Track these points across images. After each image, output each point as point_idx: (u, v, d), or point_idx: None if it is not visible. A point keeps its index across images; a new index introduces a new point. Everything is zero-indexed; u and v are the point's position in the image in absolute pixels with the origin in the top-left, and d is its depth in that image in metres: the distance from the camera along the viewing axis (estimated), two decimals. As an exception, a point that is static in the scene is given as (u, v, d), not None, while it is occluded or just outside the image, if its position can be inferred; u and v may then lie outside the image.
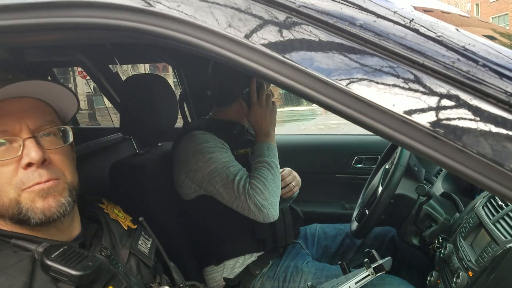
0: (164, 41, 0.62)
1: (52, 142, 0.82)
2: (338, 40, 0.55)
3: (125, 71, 2.35)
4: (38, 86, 0.82)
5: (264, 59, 0.56)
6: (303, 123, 12.79)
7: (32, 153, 0.77)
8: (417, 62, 0.50)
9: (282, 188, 1.59)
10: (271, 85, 1.63)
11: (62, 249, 0.78)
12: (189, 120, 2.18)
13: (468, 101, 0.50)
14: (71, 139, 0.86)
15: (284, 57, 0.55)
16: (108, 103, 2.46)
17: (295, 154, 1.81)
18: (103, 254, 0.89)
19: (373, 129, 0.52)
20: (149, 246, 1.02)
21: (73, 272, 0.75)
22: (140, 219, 1.05)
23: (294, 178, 1.71)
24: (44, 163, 0.79)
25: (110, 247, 0.93)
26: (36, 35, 0.70)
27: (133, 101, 1.55)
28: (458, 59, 0.52)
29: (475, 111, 0.50)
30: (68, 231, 0.87)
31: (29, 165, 0.77)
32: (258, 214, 1.39)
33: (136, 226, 1.04)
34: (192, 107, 2.27)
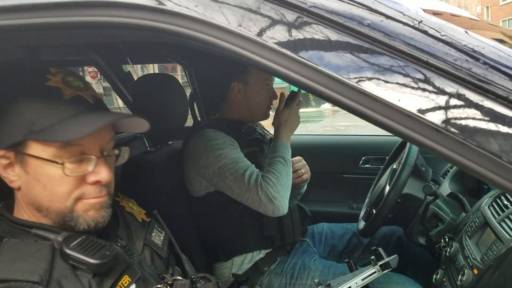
0: (177, 38, 0.64)
1: (111, 162, 0.90)
2: (347, 39, 0.57)
3: (134, 72, 2.38)
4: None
5: (276, 56, 0.58)
6: (310, 123, 12.77)
7: (103, 173, 0.83)
8: (423, 60, 0.53)
9: None
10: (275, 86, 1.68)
11: (80, 238, 0.82)
12: (199, 119, 2.22)
13: (478, 102, 0.52)
14: (126, 157, 0.95)
15: (296, 54, 0.57)
16: (119, 103, 2.49)
17: (303, 154, 1.83)
18: (119, 244, 0.92)
19: (381, 124, 0.54)
20: (162, 238, 1.06)
21: (91, 261, 0.78)
22: (154, 212, 1.08)
23: (304, 165, 1.74)
24: None
25: (126, 238, 0.96)
26: (52, 33, 0.73)
27: (145, 101, 1.58)
28: (467, 60, 0.54)
29: (485, 111, 0.52)
30: None
31: (96, 182, 0.83)
32: (268, 206, 1.41)
33: (149, 219, 1.07)
34: (201, 106, 2.30)
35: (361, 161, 2.42)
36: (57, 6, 0.66)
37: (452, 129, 0.52)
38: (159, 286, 0.89)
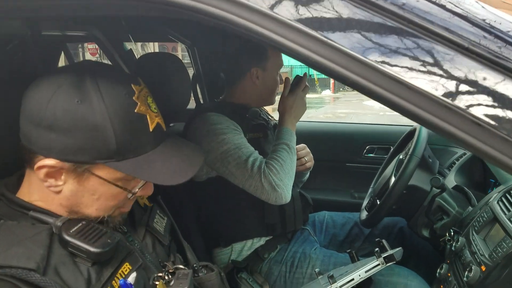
0: (180, 11, 0.60)
1: None
2: (369, 15, 0.53)
3: (135, 50, 2.32)
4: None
5: (293, 34, 0.54)
6: (315, 110, 12.72)
7: (149, 190, 0.87)
8: (440, 35, 0.48)
9: None
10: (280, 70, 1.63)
11: (80, 224, 0.78)
12: (202, 101, 2.17)
13: (500, 81, 0.49)
14: None
15: (318, 33, 0.53)
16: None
17: (306, 141, 1.79)
18: (119, 230, 0.89)
19: (397, 107, 0.50)
20: (164, 224, 1.02)
21: (92, 249, 0.74)
22: (158, 197, 1.05)
23: (307, 153, 1.71)
24: None
25: (127, 223, 0.93)
26: (50, 3, 0.68)
27: (147, 80, 1.52)
28: (485, 37, 0.51)
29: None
30: None
31: (135, 196, 0.85)
32: (271, 193, 1.38)
33: (152, 204, 1.04)
34: (204, 88, 2.25)
35: (365, 150, 2.39)
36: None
37: (470, 111, 0.48)
38: (160, 274, 0.86)
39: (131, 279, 0.81)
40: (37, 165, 0.75)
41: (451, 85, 0.49)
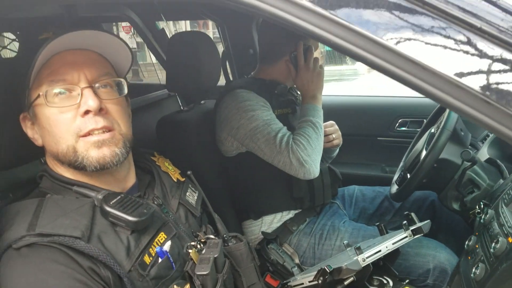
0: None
1: (108, 93, 0.87)
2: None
3: (167, 29, 2.37)
4: (97, 39, 0.86)
5: (313, 17, 0.56)
6: (348, 82, 12.43)
7: (89, 101, 0.82)
8: (471, 24, 0.49)
9: None
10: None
11: (119, 197, 0.85)
12: (231, 78, 2.20)
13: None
14: (125, 91, 0.91)
15: (333, 14, 0.54)
16: (152, 59, 2.50)
17: (336, 115, 1.79)
18: (155, 203, 0.96)
19: (423, 91, 0.52)
20: (195, 197, 1.08)
21: (130, 218, 0.81)
22: (189, 172, 1.10)
23: (336, 130, 1.72)
24: (101, 111, 0.84)
25: (162, 196, 0.99)
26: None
27: (179, 59, 1.58)
28: None
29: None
30: (124, 180, 0.94)
31: (86, 112, 0.82)
32: (299, 169, 1.41)
33: (184, 179, 1.10)
34: (234, 65, 2.28)
35: (397, 124, 2.35)
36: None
37: (494, 96, 0.49)
38: (193, 243, 0.92)
39: (167, 247, 0.88)
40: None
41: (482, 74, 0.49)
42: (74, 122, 0.83)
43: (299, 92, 1.81)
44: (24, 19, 1.53)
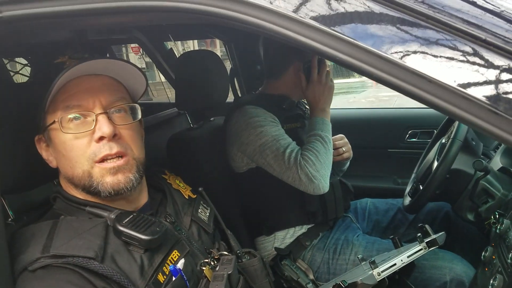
0: (222, 21, 0.64)
1: (122, 118, 0.89)
2: (393, 13, 0.55)
3: (176, 48, 2.41)
4: (112, 64, 0.88)
5: (315, 34, 0.57)
6: (354, 96, 12.44)
7: (104, 127, 0.83)
8: (477, 37, 0.49)
9: None
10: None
11: (132, 216, 0.86)
12: (239, 95, 2.22)
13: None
14: (139, 116, 0.92)
15: (335, 30, 0.55)
16: (161, 78, 2.54)
17: (347, 128, 1.79)
18: (167, 220, 0.96)
19: (432, 104, 0.52)
20: (208, 214, 1.09)
21: (143, 237, 0.82)
22: (200, 189, 1.11)
23: (345, 144, 1.71)
24: (114, 137, 0.85)
25: (174, 214, 1.00)
26: (102, 18, 0.74)
27: (188, 77, 1.60)
28: None
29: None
30: (136, 201, 0.95)
31: (101, 138, 0.84)
32: (309, 185, 1.41)
33: (195, 196, 1.10)
34: (242, 82, 2.30)
35: (408, 135, 2.35)
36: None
37: (502, 107, 0.49)
38: (206, 260, 0.92)
39: (180, 265, 0.88)
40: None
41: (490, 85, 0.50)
42: (89, 147, 0.84)
43: (307, 106, 1.82)
44: (36, 44, 1.56)
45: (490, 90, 0.49)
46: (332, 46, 0.55)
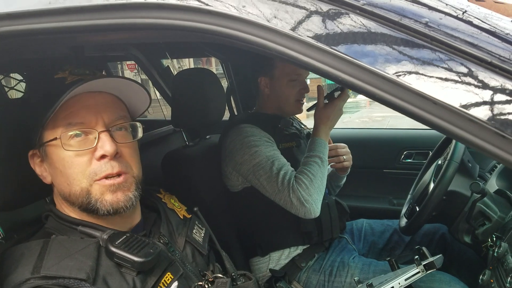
0: (219, 38, 0.63)
1: (123, 137, 0.87)
2: (386, 31, 0.55)
3: (172, 66, 2.42)
4: (115, 82, 0.87)
5: (312, 51, 0.56)
6: (349, 115, 12.52)
7: (106, 146, 0.82)
8: (481, 58, 0.49)
9: (332, 157, 1.64)
10: (310, 77, 1.64)
11: (125, 236, 0.83)
12: (236, 113, 2.22)
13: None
14: (140, 134, 0.91)
15: (332, 48, 0.55)
16: (157, 95, 2.54)
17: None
18: (161, 241, 0.94)
19: (432, 125, 0.51)
20: (202, 235, 1.06)
21: (136, 259, 0.79)
22: (195, 209, 1.09)
23: (347, 153, 1.71)
24: (115, 155, 0.83)
25: (168, 235, 0.97)
26: (99, 34, 0.74)
27: (184, 95, 1.60)
28: None
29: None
30: (130, 219, 0.93)
31: (102, 157, 0.82)
32: (300, 208, 1.40)
33: (190, 216, 1.08)
34: (238, 100, 2.30)
35: (403, 156, 2.35)
36: (105, 8, 0.67)
37: (498, 125, 0.48)
38: (200, 283, 0.90)
39: (173, 287, 0.86)
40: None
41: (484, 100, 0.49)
42: (89, 165, 0.83)
43: (302, 125, 1.82)
44: (31, 60, 1.56)
45: (496, 113, 0.49)
46: (334, 66, 0.54)
